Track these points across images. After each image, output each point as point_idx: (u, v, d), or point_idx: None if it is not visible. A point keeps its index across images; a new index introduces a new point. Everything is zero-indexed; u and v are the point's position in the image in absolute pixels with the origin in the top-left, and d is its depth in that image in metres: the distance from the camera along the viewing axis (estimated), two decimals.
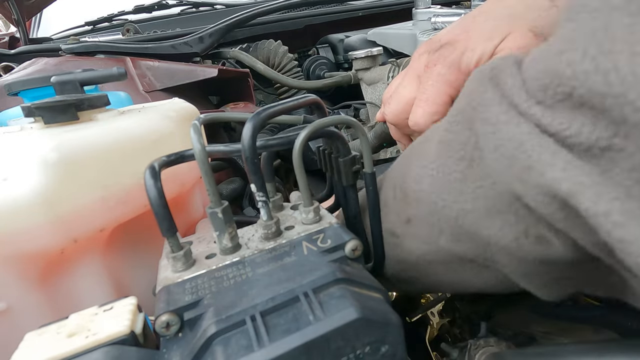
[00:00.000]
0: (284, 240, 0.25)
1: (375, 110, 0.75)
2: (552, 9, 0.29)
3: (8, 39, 1.06)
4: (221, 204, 0.24)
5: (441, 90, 0.33)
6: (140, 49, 0.75)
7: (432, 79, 0.33)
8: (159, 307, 0.21)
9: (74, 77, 0.34)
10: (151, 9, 1.20)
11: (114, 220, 0.31)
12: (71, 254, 0.30)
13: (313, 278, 0.21)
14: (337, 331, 0.19)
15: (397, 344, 0.20)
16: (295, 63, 0.89)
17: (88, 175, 0.29)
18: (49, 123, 0.32)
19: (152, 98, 0.64)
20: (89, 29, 1.18)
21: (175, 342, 0.21)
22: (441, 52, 0.33)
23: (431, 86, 0.33)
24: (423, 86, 0.34)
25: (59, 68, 0.66)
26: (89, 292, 0.31)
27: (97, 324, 0.21)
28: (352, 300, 0.20)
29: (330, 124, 0.26)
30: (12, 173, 0.27)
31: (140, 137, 0.33)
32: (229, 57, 0.84)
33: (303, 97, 0.28)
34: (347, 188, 0.29)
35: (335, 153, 0.29)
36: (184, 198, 0.39)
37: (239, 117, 0.30)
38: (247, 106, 0.74)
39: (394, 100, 0.37)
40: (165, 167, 0.24)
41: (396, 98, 0.37)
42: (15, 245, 0.27)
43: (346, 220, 0.31)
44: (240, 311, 0.20)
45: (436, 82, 0.33)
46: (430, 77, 0.33)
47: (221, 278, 0.23)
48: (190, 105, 0.43)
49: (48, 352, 0.19)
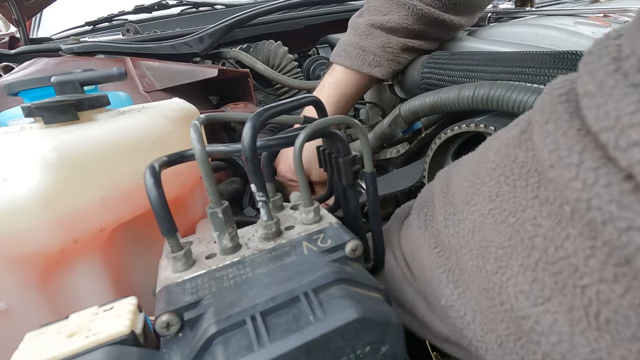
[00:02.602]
0: (284, 240, 0.25)
1: (376, 110, 0.75)
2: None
3: (8, 39, 1.06)
4: (221, 204, 0.24)
5: None
6: (140, 49, 0.75)
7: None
8: (159, 307, 0.21)
9: (74, 77, 0.34)
10: (151, 9, 1.20)
11: (114, 220, 0.31)
12: (71, 254, 0.29)
13: (313, 278, 0.21)
14: (337, 331, 0.18)
15: (397, 344, 0.20)
16: (295, 63, 0.89)
17: (88, 176, 0.29)
18: (49, 123, 0.32)
19: (152, 98, 0.64)
20: (89, 29, 1.18)
21: (176, 342, 0.21)
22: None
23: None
24: None
25: (59, 68, 0.65)
26: (89, 292, 0.31)
27: (97, 324, 0.21)
28: (352, 300, 0.20)
29: (330, 124, 0.26)
30: (12, 173, 0.27)
31: (140, 137, 0.33)
32: (229, 57, 0.85)
33: (303, 97, 0.28)
34: (347, 188, 0.29)
35: (335, 153, 0.29)
36: (184, 198, 0.39)
37: (239, 117, 0.30)
38: (247, 106, 0.74)
39: None
40: (165, 167, 0.24)
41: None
42: (15, 245, 0.27)
43: (346, 220, 0.31)
44: (240, 311, 0.20)
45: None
46: None
47: (221, 278, 0.23)
48: (190, 105, 0.43)
49: (48, 352, 0.19)
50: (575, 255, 0.16)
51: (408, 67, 0.61)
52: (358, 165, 0.28)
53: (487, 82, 0.45)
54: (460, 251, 0.22)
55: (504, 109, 0.42)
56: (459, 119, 0.50)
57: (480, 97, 0.44)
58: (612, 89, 0.14)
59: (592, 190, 0.14)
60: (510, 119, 0.43)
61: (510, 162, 0.20)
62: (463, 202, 0.22)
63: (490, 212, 0.20)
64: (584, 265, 0.15)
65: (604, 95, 0.15)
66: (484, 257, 0.20)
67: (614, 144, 0.14)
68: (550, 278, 0.17)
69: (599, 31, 0.54)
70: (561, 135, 0.16)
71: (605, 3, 0.78)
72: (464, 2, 0.57)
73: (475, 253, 0.21)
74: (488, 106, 0.44)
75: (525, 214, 0.18)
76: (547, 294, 0.17)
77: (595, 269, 0.15)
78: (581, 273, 0.16)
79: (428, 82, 0.57)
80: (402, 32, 0.58)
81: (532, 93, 0.39)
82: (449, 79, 0.54)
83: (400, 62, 0.60)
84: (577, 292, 0.16)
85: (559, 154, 0.16)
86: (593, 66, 0.16)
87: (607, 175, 0.14)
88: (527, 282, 0.18)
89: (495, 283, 0.19)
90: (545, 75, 0.43)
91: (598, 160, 0.14)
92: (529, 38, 0.57)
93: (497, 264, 0.19)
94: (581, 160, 0.15)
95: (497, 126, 0.43)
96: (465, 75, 0.52)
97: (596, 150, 0.15)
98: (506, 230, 0.19)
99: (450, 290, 0.22)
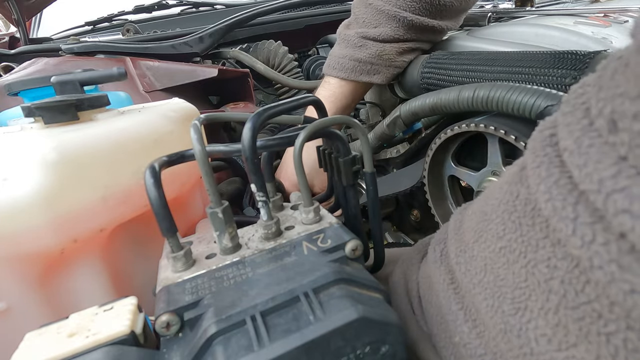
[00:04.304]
0: (284, 240, 0.25)
1: (376, 110, 0.75)
2: None
3: (8, 39, 1.06)
4: (221, 204, 0.24)
5: None
6: (140, 49, 0.75)
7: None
8: (159, 307, 0.21)
9: (74, 77, 0.34)
10: (151, 9, 1.20)
11: (114, 220, 0.31)
12: (71, 254, 0.29)
13: (313, 278, 0.21)
14: (337, 331, 0.18)
15: (397, 344, 0.20)
16: (295, 63, 0.89)
17: (88, 175, 0.29)
18: (49, 123, 0.32)
19: (152, 98, 0.64)
20: (89, 29, 1.18)
21: (176, 342, 0.21)
22: None
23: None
24: None
25: (59, 68, 0.66)
26: (89, 292, 0.31)
27: (97, 324, 0.21)
28: (352, 301, 0.20)
29: (330, 124, 0.26)
30: (12, 173, 0.27)
31: (140, 137, 0.33)
32: (229, 57, 0.85)
33: (303, 97, 0.28)
34: (347, 188, 0.29)
35: (335, 153, 0.29)
36: (184, 198, 0.39)
37: (239, 117, 0.30)
38: (247, 106, 0.74)
39: None
40: (166, 167, 0.24)
41: None
42: (16, 245, 0.27)
43: (346, 220, 0.31)
44: (240, 311, 0.20)
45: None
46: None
47: (221, 278, 0.23)
48: (190, 105, 0.43)
49: (48, 352, 0.19)
50: (598, 301, 0.15)
51: (408, 67, 0.61)
52: (358, 165, 0.28)
53: (487, 84, 0.44)
54: (474, 290, 0.21)
55: (504, 110, 0.42)
56: (459, 119, 0.50)
57: (480, 98, 0.44)
58: (589, 148, 0.14)
59: (590, 248, 0.14)
60: (510, 119, 0.44)
61: (513, 198, 0.19)
62: (473, 240, 0.22)
63: (500, 250, 0.19)
64: (608, 312, 0.14)
65: (582, 155, 0.14)
66: (499, 298, 0.19)
67: (604, 208, 0.13)
68: (574, 323, 0.16)
69: (599, 31, 0.54)
70: (553, 184, 0.15)
71: (605, 3, 0.78)
72: (449, 7, 0.58)
73: (489, 292, 0.20)
74: (488, 107, 0.44)
75: (538, 254, 0.17)
76: (572, 339, 0.16)
77: (621, 316, 0.14)
78: (605, 320, 0.15)
79: (428, 82, 0.57)
80: (395, 41, 0.58)
81: (532, 95, 0.39)
82: (449, 79, 0.54)
83: (398, 65, 0.60)
84: (602, 339, 0.15)
85: (553, 204, 0.15)
86: (568, 119, 0.16)
87: (604, 233, 0.13)
88: (549, 326, 0.17)
89: (514, 325, 0.18)
90: (545, 75, 0.43)
91: (593, 215, 0.14)
92: (529, 38, 0.57)
93: (514, 305, 0.18)
94: (576, 214, 0.14)
95: (497, 126, 0.43)
96: (465, 75, 0.51)
97: (590, 203, 0.14)
98: (520, 271, 0.18)
99: (468, 328, 0.22)
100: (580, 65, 0.40)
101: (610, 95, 0.14)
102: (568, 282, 0.16)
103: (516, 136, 0.41)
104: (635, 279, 0.13)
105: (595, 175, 0.14)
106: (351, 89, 0.62)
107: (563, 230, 0.15)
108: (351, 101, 0.63)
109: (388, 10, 0.56)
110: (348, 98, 0.63)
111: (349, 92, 0.62)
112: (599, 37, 0.52)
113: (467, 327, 0.22)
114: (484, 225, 0.21)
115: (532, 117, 0.39)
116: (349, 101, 0.63)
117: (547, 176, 0.16)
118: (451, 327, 0.23)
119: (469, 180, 0.52)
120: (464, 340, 0.22)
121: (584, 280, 0.15)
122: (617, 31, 0.55)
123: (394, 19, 0.56)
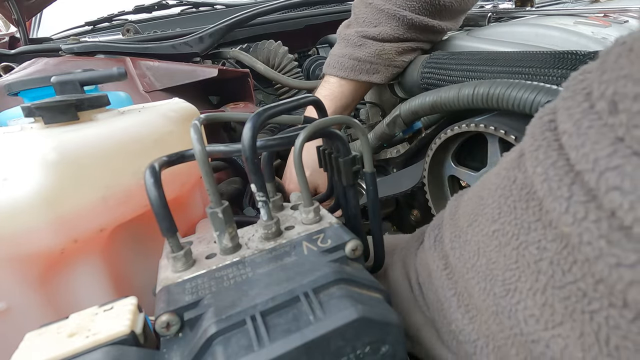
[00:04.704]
0: (284, 240, 0.25)
1: (376, 110, 0.75)
2: None
3: (8, 39, 1.06)
4: (221, 204, 0.24)
5: None
6: (140, 49, 0.75)
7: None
8: (159, 307, 0.21)
9: (74, 77, 0.34)
10: (151, 9, 1.20)
11: (114, 220, 0.31)
12: (71, 254, 0.29)
13: (313, 278, 0.21)
14: (337, 331, 0.18)
15: (397, 344, 0.20)
16: (295, 63, 0.89)
17: (88, 175, 0.29)
18: (49, 123, 0.32)
19: (152, 98, 0.64)
20: (89, 29, 1.18)
21: (176, 342, 0.21)
22: None
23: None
24: None
25: (59, 68, 0.66)
26: (89, 292, 0.31)
27: (97, 324, 0.21)
28: (352, 301, 0.20)
29: (330, 124, 0.26)
30: (12, 173, 0.27)
31: (140, 137, 0.33)
32: (229, 57, 0.85)
33: (303, 97, 0.28)
34: (347, 188, 0.29)
35: (335, 153, 0.29)
36: (184, 198, 0.39)
37: (239, 117, 0.30)
38: (247, 106, 0.74)
39: None
40: (166, 167, 0.24)
41: None
42: (16, 245, 0.27)
43: (346, 220, 0.31)
44: (240, 311, 0.20)
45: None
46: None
47: (221, 278, 0.23)
48: (190, 105, 0.43)
49: (48, 352, 0.19)
50: (584, 280, 0.15)
51: (408, 67, 0.61)
52: (358, 165, 0.28)
53: (487, 81, 0.45)
54: (467, 274, 0.21)
55: (504, 107, 0.42)
56: (459, 119, 0.50)
57: (480, 95, 0.44)
58: (588, 129, 0.14)
59: (582, 225, 0.14)
60: (510, 118, 0.44)
61: (510, 183, 0.19)
62: (467, 224, 0.22)
63: (494, 233, 0.20)
64: (592, 291, 0.15)
65: (580, 136, 0.15)
66: (491, 280, 0.20)
67: (596, 187, 0.14)
68: (559, 303, 0.17)
69: (599, 31, 0.54)
70: (550, 165, 0.16)
71: (605, 3, 0.78)
72: (449, 8, 0.58)
73: (482, 276, 0.20)
74: (488, 104, 0.44)
75: (529, 236, 0.18)
76: (558, 318, 0.17)
77: (604, 294, 0.15)
78: (589, 298, 0.15)
79: (428, 82, 0.57)
80: (394, 40, 0.58)
81: (532, 90, 0.39)
82: (449, 79, 0.54)
83: (397, 65, 0.60)
84: (586, 317, 0.15)
85: (549, 185, 0.16)
86: (568, 103, 0.16)
87: (596, 210, 0.14)
88: (537, 306, 0.17)
89: (505, 307, 0.19)
90: (545, 75, 0.43)
91: (587, 194, 0.14)
92: (529, 38, 0.57)
93: (504, 287, 0.19)
94: (571, 193, 0.15)
95: (497, 126, 0.43)
96: (465, 75, 0.52)
97: (584, 183, 0.15)
98: (512, 253, 0.19)
99: (461, 314, 0.22)
100: (580, 65, 0.40)
101: (613, 77, 0.14)
102: (556, 262, 0.16)
103: (516, 136, 0.41)
104: (622, 253, 0.13)
105: (591, 155, 0.14)
106: (351, 89, 0.62)
107: (556, 209, 0.15)
108: (351, 101, 0.63)
109: (388, 9, 0.56)
110: (348, 97, 0.63)
111: (348, 92, 0.62)
112: (598, 37, 0.52)
113: (460, 312, 0.22)
114: (480, 209, 0.21)
115: (533, 114, 0.39)
116: (349, 101, 0.63)
117: (544, 158, 0.16)
118: (447, 314, 0.23)
119: (469, 180, 0.52)
120: (459, 327, 0.22)
121: (571, 261, 0.16)
122: (617, 31, 0.55)
123: (393, 18, 0.56)
